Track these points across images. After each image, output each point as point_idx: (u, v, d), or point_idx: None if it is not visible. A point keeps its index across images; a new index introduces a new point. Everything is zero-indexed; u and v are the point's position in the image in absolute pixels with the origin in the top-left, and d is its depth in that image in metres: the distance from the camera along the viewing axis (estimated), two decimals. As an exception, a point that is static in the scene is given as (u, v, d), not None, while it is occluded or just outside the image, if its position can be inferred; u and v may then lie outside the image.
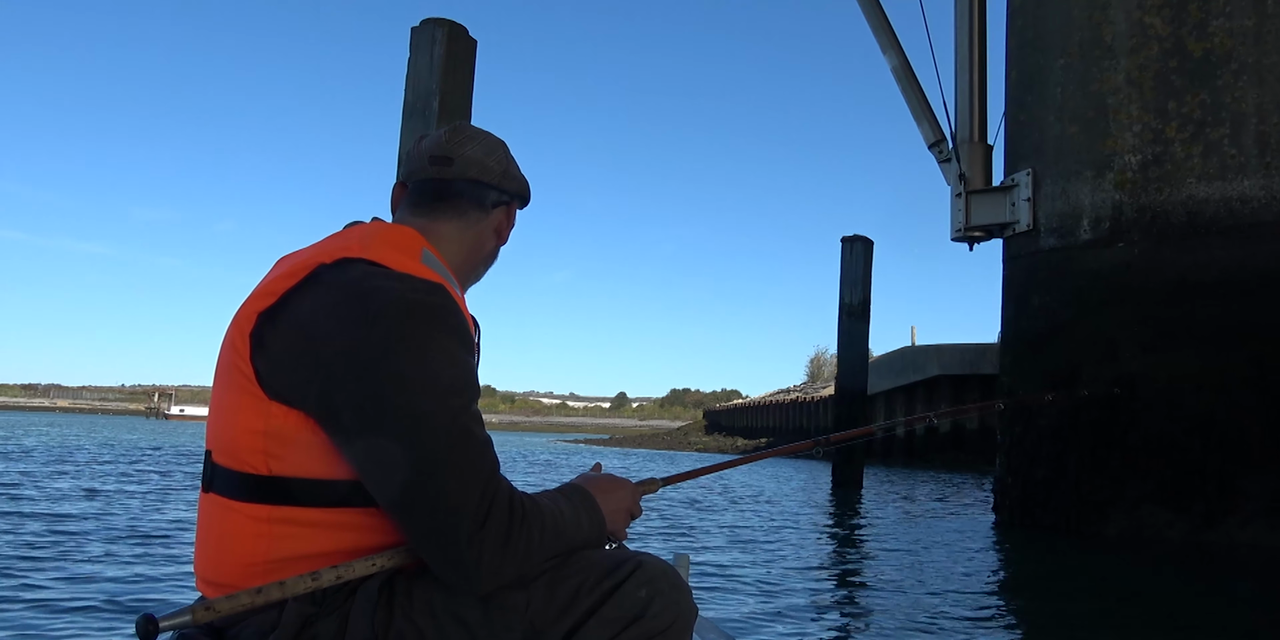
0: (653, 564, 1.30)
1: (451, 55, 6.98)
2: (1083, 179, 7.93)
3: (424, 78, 6.92)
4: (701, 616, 1.60)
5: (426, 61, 6.95)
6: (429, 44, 6.96)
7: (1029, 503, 8.03)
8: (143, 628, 1.05)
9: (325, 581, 1.18)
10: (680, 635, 1.29)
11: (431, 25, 7.01)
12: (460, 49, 7.08)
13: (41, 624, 3.32)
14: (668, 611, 1.27)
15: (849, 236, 13.73)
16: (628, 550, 1.38)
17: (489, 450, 1.23)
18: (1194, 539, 7.01)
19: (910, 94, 9.50)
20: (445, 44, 6.94)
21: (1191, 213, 7.37)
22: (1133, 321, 7.50)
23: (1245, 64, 7.30)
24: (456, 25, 7.02)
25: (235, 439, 1.26)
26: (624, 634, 1.24)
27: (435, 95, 6.85)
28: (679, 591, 1.30)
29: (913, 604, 4.35)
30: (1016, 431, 8.28)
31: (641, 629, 1.25)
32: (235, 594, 1.14)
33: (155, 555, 4.93)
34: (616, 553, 1.34)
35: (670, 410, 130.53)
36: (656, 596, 1.26)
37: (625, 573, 1.27)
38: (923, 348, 26.63)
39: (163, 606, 3.55)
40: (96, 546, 5.15)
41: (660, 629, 1.26)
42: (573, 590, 1.25)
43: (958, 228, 8.88)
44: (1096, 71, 7.93)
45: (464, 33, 7.09)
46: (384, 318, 1.20)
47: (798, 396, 36.55)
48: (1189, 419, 7.17)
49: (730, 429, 43.07)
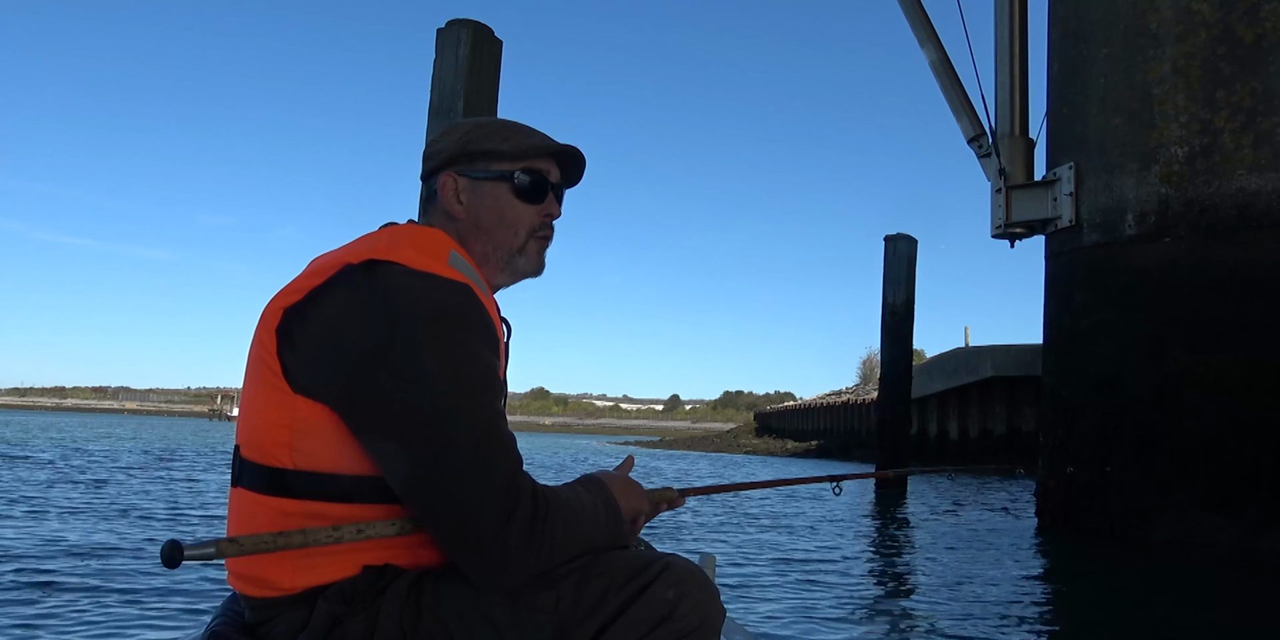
0: (680, 565, 1.28)
1: (476, 56, 6.97)
2: (1127, 172, 7.66)
3: (449, 79, 6.93)
4: (729, 618, 1.58)
5: (451, 63, 6.95)
6: (454, 45, 6.97)
7: (1072, 507, 7.78)
8: (167, 553, 1.06)
9: (345, 535, 1.18)
10: (708, 637, 1.27)
11: (457, 26, 7.01)
12: (485, 50, 7.07)
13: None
14: (695, 613, 1.25)
15: (892, 235, 13.50)
16: (655, 551, 1.37)
17: (513, 447, 1.22)
18: (1245, 546, 6.72)
19: (949, 88, 9.29)
20: (470, 45, 6.93)
21: (1242, 206, 7.07)
22: (1179, 320, 7.22)
23: (1299, 50, 6.99)
24: (482, 26, 7.02)
25: (262, 433, 1.27)
26: (651, 635, 1.23)
27: (460, 96, 6.85)
28: (707, 593, 1.28)
29: (941, 610, 4.24)
30: (1059, 434, 8.03)
31: (669, 630, 1.23)
32: (259, 534, 1.15)
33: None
34: (644, 553, 1.32)
35: (723, 413, 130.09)
36: (684, 598, 1.25)
37: (653, 574, 1.26)
38: (976, 349, 26.09)
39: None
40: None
41: (688, 630, 1.24)
42: (600, 591, 1.24)
43: (998, 224, 8.66)
44: (1141, 61, 7.66)
45: (490, 34, 7.08)
46: (409, 315, 1.20)
47: (849, 399, 36.08)
48: (1239, 421, 6.87)
49: (781, 431, 42.69)
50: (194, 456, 16.21)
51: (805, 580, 4.84)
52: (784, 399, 74.42)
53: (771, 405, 57.33)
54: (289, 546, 1.16)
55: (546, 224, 1.48)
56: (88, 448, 17.60)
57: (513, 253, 1.45)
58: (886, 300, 13.48)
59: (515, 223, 1.45)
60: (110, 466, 12.28)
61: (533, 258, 1.47)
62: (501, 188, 1.44)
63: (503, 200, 1.44)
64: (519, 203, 1.45)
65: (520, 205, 1.45)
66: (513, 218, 1.45)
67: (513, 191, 1.44)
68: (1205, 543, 6.87)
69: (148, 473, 11.48)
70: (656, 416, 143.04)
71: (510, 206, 1.44)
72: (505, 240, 1.45)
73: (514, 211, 1.45)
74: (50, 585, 3.94)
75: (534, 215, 1.46)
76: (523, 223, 1.45)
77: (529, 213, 1.46)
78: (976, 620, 3.99)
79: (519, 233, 1.45)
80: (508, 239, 1.45)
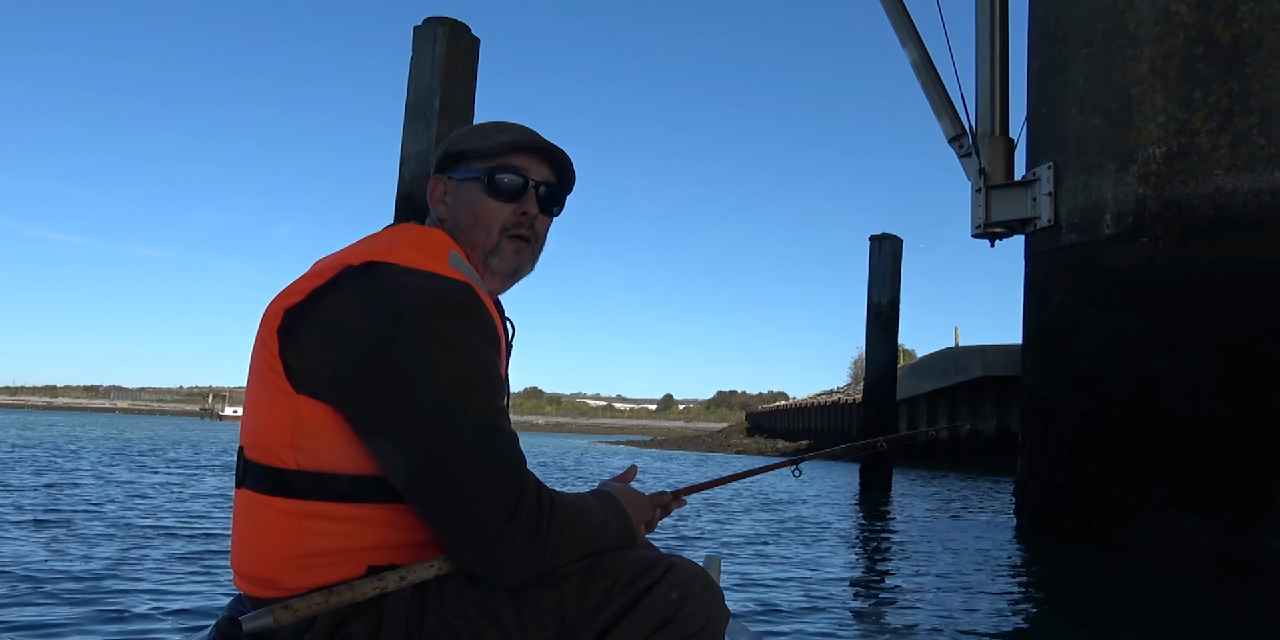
0: (684, 566, 1.28)
1: (453, 54, 6.96)
2: (1105, 172, 7.66)
3: (425, 77, 6.91)
4: (733, 619, 1.57)
5: (428, 60, 6.93)
6: (430, 43, 6.95)
7: (1050, 507, 7.78)
8: (225, 629, 1.08)
9: (390, 583, 1.19)
10: (711, 638, 1.27)
11: (433, 24, 6.99)
12: (462, 47, 7.05)
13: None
14: (699, 614, 1.25)
15: (877, 235, 13.50)
16: (659, 552, 1.37)
17: (516, 445, 1.22)
18: (1222, 546, 6.73)
19: (930, 88, 9.29)
20: (446, 42, 6.91)
21: (1219, 206, 7.08)
22: (1157, 320, 7.22)
23: (1275, 50, 7.00)
24: (458, 23, 6.99)
25: (265, 433, 1.27)
26: (655, 636, 1.23)
27: (436, 94, 6.84)
28: (711, 594, 1.28)
29: (918, 612, 4.23)
30: (1037, 434, 8.03)
31: (673, 631, 1.23)
32: (309, 593, 1.16)
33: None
34: (648, 555, 1.31)
35: (716, 412, 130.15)
36: (688, 599, 1.25)
37: (657, 575, 1.26)
38: (966, 348, 26.13)
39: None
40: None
41: (692, 631, 1.24)
42: (604, 591, 1.24)
43: (978, 224, 8.66)
44: (1120, 61, 7.67)
45: (466, 31, 7.06)
46: (410, 314, 1.20)
47: (839, 399, 36.16)
48: (1216, 421, 6.88)
49: (772, 431, 42.72)
50: (190, 454, 16.16)
51: (781, 585, 4.82)
52: (777, 398, 74.44)
53: (764, 405, 57.35)
54: (340, 603, 1.17)
55: (522, 223, 1.44)
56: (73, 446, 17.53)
57: (486, 252, 1.43)
58: (872, 300, 13.48)
59: (488, 221, 1.43)
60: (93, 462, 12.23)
61: (508, 258, 1.44)
62: (475, 187, 1.44)
63: (476, 199, 1.43)
64: (491, 201, 1.43)
65: (493, 203, 1.43)
66: (485, 216, 1.43)
67: (485, 190, 1.43)
68: (1182, 543, 6.87)
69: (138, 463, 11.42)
70: (650, 416, 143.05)
71: (483, 205, 1.43)
72: (479, 240, 1.43)
73: (486, 210, 1.43)
74: (49, 585, 3.92)
75: (508, 214, 1.43)
76: (495, 221, 1.43)
77: (502, 211, 1.43)
78: (952, 622, 3.98)
79: (491, 232, 1.43)
80: (481, 238, 1.43)
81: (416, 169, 6.91)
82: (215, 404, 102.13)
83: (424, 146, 6.85)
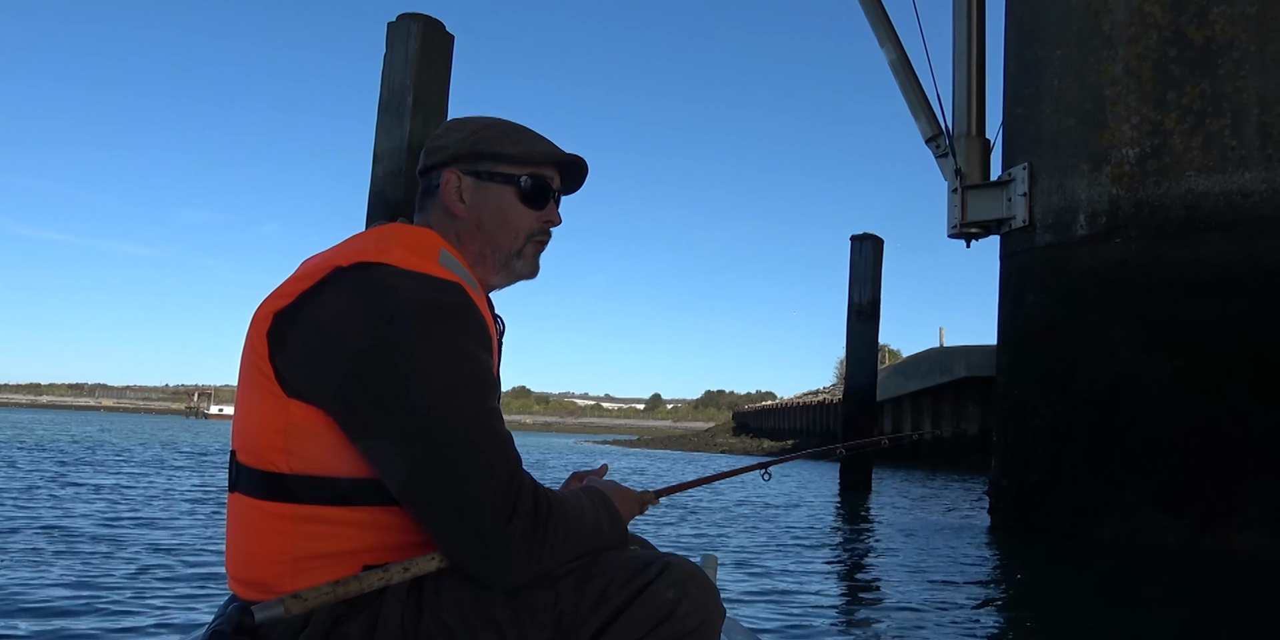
0: (680, 565, 1.28)
1: (427, 51, 6.92)
2: (1079, 173, 7.69)
3: (398, 73, 6.88)
4: (729, 618, 1.57)
5: (401, 57, 6.90)
6: (404, 39, 6.91)
7: (1023, 506, 7.81)
8: (237, 619, 1.08)
9: (394, 575, 1.19)
10: (708, 637, 1.27)
11: (407, 20, 6.96)
12: (436, 44, 7.02)
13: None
14: (695, 613, 1.25)
15: (858, 235, 13.53)
16: (655, 551, 1.37)
17: (511, 445, 1.22)
18: (1191, 544, 6.76)
19: (908, 88, 9.31)
20: (420, 39, 6.88)
21: (1190, 207, 7.12)
22: (1130, 320, 7.26)
23: (1247, 52, 7.04)
24: (432, 20, 6.96)
25: (257, 438, 1.26)
26: (651, 635, 1.22)
27: (410, 91, 6.80)
28: (707, 593, 1.28)
29: (891, 611, 4.24)
30: (1011, 433, 8.06)
31: (669, 630, 1.23)
32: (319, 586, 1.15)
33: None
34: (644, 554, 1.32)
35: (704, 412, 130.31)
36: (684, 598, 1.25)
37: (653, 573, 1.26)
38: (950, 349, 26.24)
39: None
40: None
41: (688, 630, 1.24)
42: (600, 590, 1.24)
43: (954, 224, 8.68)
44: (1094, 62, 7.70)
45: (440, 28, 7.03)
46: (400, 316, 1.20)
47: (824, 398, 36.26)
48: (1188, 420, 6.92)
49: (758, 431, 42.83)
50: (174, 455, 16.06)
51: (760, 584, 4.82)
52: (765, 398, 74.53)
53: (751, 405, 57.45)
54: (348, 594, 1.17)
55: (545, 230, 1.49)
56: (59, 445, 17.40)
57: (510, 255, 1.46)
58: (853, 299, 13.51)
59: (517, 226, 1.46)
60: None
61: (529, 261, 1.49)
62: (507, 191, 1.45)
63: (506, 203, 1.45)
64: (522, 207, 1.46)
65: (523, 209, 1.46)
66: (515, 221, 1.46)
67: (518, 195, 1.46)
68: (1152, 541, 6.91)
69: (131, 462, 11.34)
70: (638, 415, 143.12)
71: (514, 209, 1.46)
72: (505, 242, 1.46)
73: (516, 215, 1.46)
74: (49, 584, 3.88)
75: (535, 220, 1.47)
76: (524, 226, 1.46)
77: (530, 217, 1.47)
78: (921, 619, 3.99)
79: (519, 236, 1.46)
80: (508, 241, 1.46)
81: (389, 166, 6.87)
82: (201, 402, 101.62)
83: (397, 143, 6.82)
